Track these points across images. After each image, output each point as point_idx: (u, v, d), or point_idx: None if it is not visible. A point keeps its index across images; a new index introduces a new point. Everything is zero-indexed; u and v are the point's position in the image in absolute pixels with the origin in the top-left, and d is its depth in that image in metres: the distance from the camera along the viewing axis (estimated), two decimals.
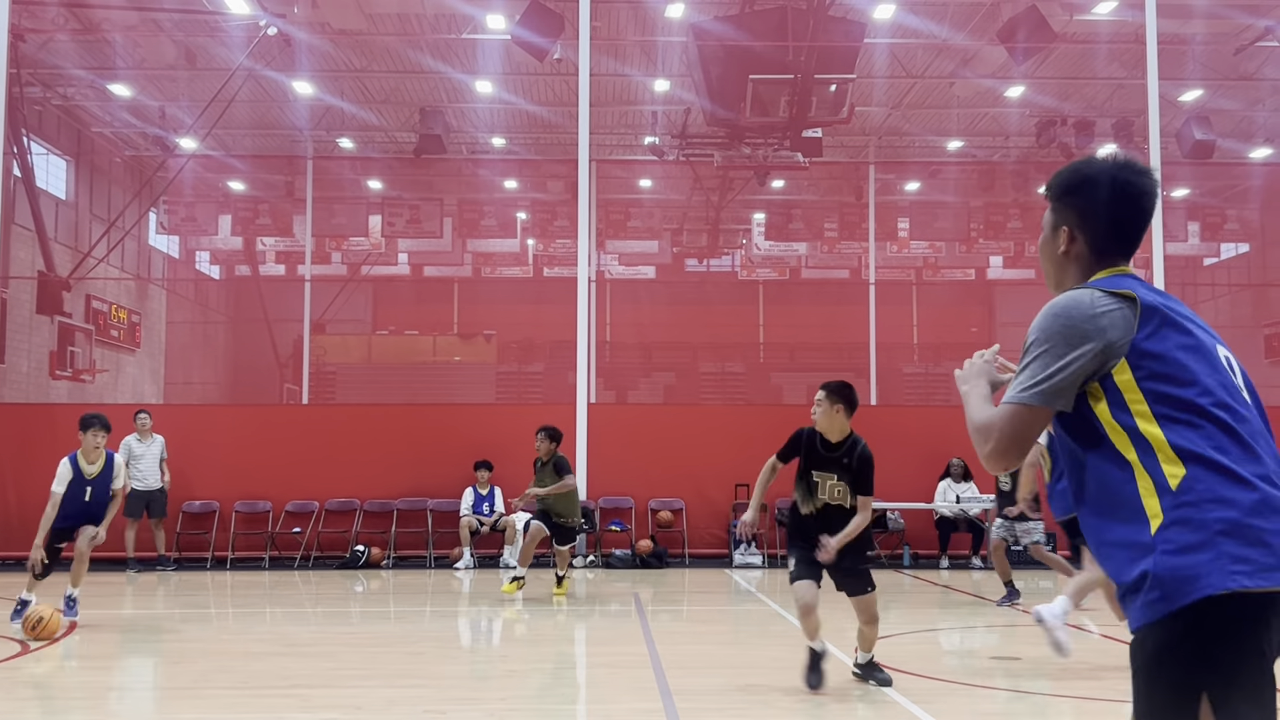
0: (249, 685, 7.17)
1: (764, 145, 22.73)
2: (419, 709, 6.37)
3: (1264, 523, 2.47)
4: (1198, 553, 2.46)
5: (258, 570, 15.45)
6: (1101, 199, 2.96)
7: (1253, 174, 28.69)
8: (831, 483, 6.89)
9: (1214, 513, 2.49)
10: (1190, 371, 2.67)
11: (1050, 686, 7.13)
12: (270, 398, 31.04)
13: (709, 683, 7.20)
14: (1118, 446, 2.64)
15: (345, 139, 27.68)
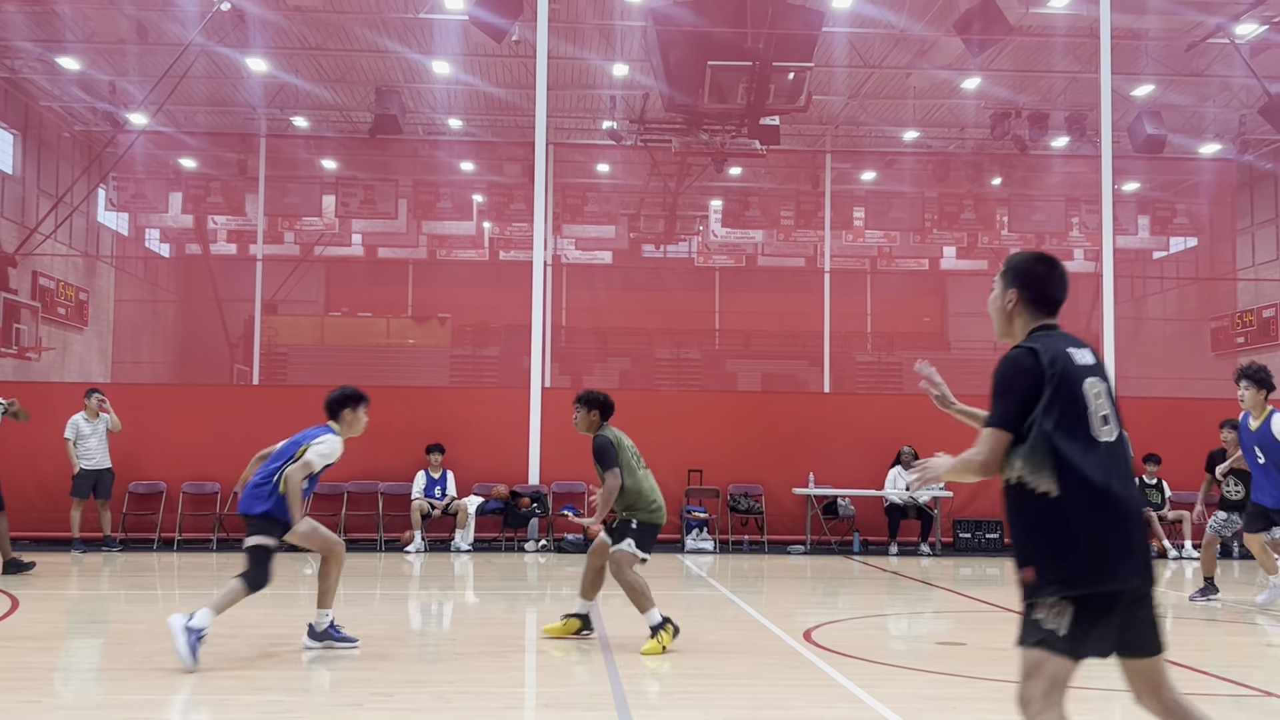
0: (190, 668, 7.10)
1: (722, 132, 22.75)
2: (366, 691, 6.34)
3: None
4: None
5: (205, 552, 15.30)
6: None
7: (1202, 169, 29.09)
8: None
9: None
10: None
11: (992, 671, 7.21)
12: (220, 378, 30.72)
13: (658, 666, 7.23)
14: None
15: (299, 117, 27.38)
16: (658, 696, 6.42)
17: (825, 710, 6.19)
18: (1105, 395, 3.92)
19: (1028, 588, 3.78)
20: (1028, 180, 29.28)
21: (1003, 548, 16.47)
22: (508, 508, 15.99)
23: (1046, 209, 29.03)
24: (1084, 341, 4.13)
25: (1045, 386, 3.82)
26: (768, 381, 31.77)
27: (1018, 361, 3.93)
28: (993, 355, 25.26)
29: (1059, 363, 3.85)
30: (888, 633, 9.26)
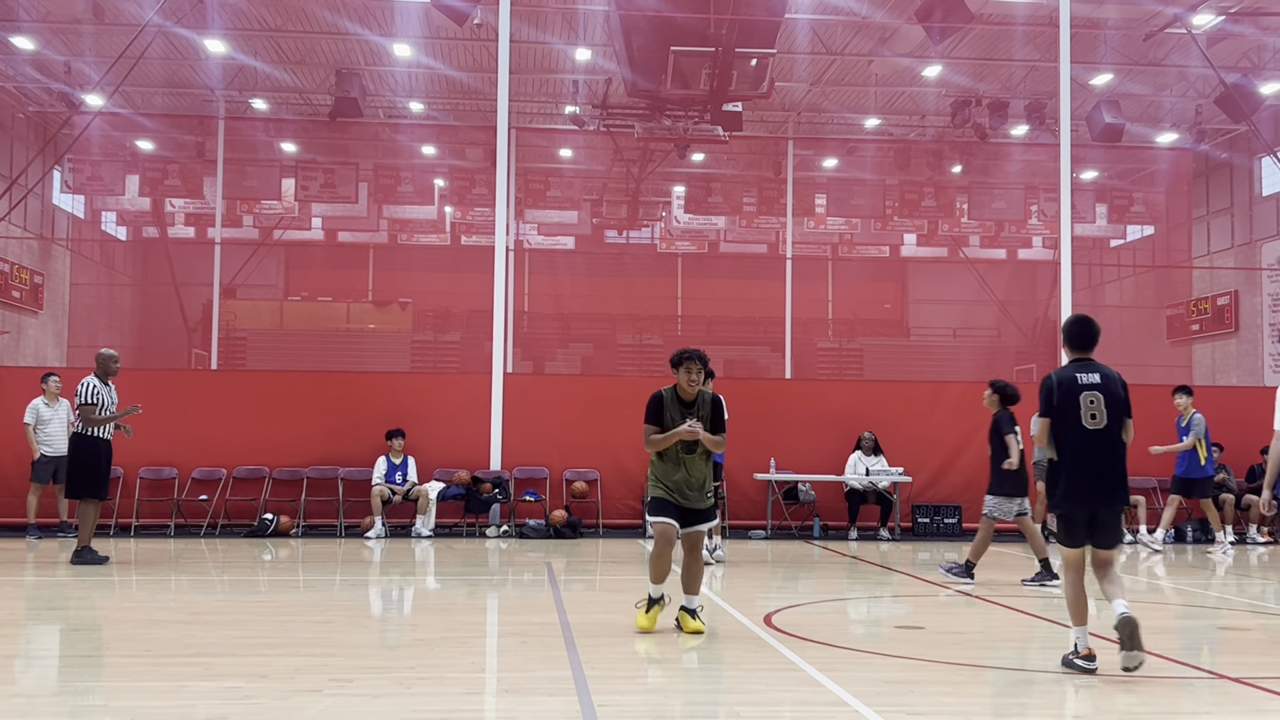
0: (151, 653, 7.05)
1: (684, 118, 22.76)
2: (325, 677, 6.32)
3: None
4: None
5: (163, 538, 15.18)
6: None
7: (1159, 158, 29.42)
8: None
9: None
10: None
11: (952, 654, 7.29)
12: (178, 362, 30.45)
13: (619, 652, 7.25)
14: None
15: (258, 100, 27.11)
16: (619, 681, 6.44)
17: (785, 694, 6.23)
18: (1100, 400, 6.93)
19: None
20: (987, 168, 29.50)
21: (961, 532, 16.63)
22: (469, 493, 15.97)
23: (1006, 197, 29.27)
24: (1099, 366, 7.09)
25: (1052, 395, 7.03)
26: (730, 367, 31.84)
27: (1042, 383, 7.16)
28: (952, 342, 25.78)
29: (1064, 383, 7.01)
30: (847, 617, 9.34)
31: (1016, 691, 6.31)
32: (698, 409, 8.08)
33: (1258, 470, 17.01)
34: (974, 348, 32.89)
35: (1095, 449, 6.83)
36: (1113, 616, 6.64)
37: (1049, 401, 7.00)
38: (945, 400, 17.56)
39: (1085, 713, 6.03)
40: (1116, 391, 6.93)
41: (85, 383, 12.10)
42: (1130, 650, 6.48)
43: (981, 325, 34.02)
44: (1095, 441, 6.84)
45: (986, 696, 6.15)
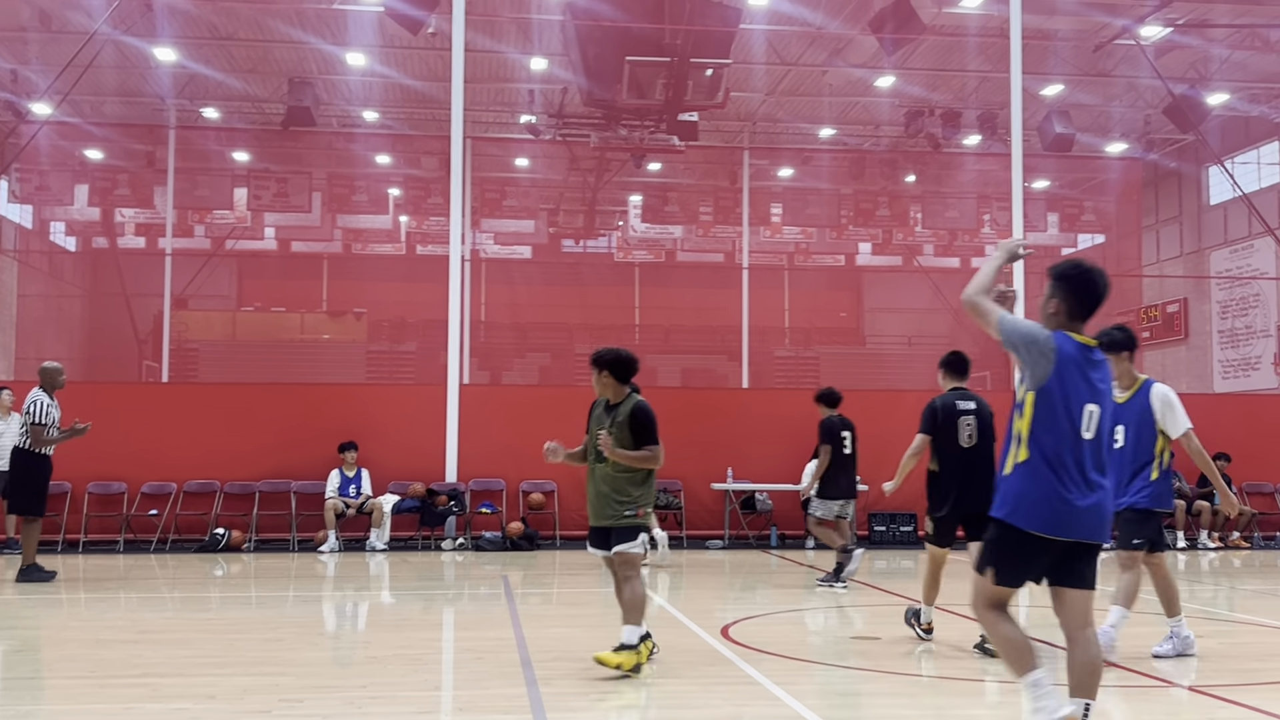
0: (96, 674, 6.91)
1: (640, 127, 22.75)
2: (275, 697, 6.21)
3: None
4: None
5: (112, 554, 14.94)
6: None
7: (1109, 167, 29.78)
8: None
9: None
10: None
11: (907, 666, 7.29)
12: (128, 375, 30.01)
13: (576, 666, 7.18)
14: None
15: (210, 108, 26.80)
16: (574, 699, 6.38)
17: (742, 709, 6.20)
18: (974, 424, 8.23)
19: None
20: (941, 178, 29.72)
21: (916, 540, 16.69)
22: (424, 506, 15.84)
23: (959, 206, 29.50)
24: (973, 396, 8.42)
25: (936, 417, 8.34)
26: (687, 377, 31.87)
27: (926, 407, 8.38)
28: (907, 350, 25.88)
29: (946, 408, 8.32)
30: (804, 628, 9.32)
31: (970, 702, 6.31)
32: (615, 416, 7.24)
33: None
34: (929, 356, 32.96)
35: (968, 465, 8.06)
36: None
37: (933, 422, 8.27)
38: (901, 408, 17.57)
39: None
40: (986, 417, 8.26)
41: (36, 400, 11.90)
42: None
43: (936, 334, 34.21)
44: (969, 458, 8.11)
45: (941, 707, 6.15)
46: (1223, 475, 16.96)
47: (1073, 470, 4.85)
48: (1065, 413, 4.87)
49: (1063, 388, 4.88)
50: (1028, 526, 4.83)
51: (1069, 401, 4.87)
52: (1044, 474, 4.83)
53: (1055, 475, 4.83)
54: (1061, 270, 5.13)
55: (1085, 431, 4.89)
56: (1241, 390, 26.79)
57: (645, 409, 7.22)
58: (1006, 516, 4.89)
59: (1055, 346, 4.91)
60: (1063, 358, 4.90)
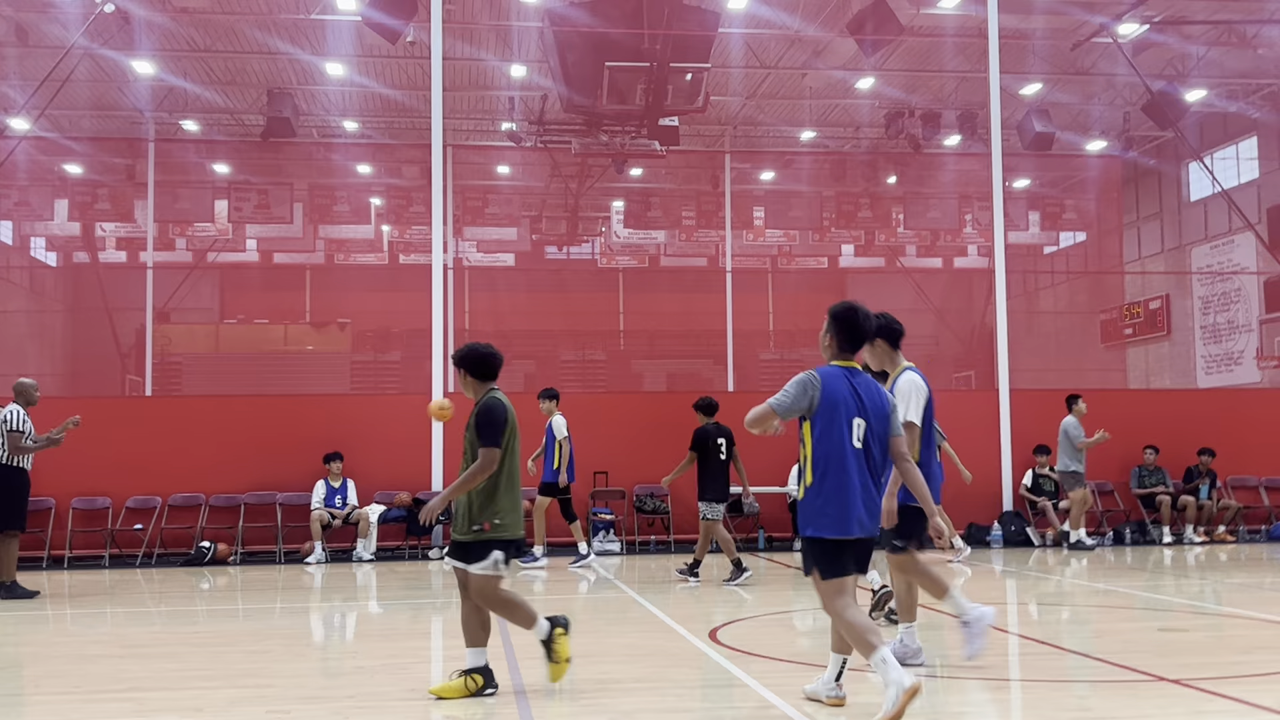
0: (81, 689, 6.86)
1: (621, 133, 22.77)
2: (262, 709, 6.18)
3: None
4: None
5: (97, 569, 14.85)
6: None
7: (1089, 165, 29.91)
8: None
9: None
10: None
11: None
12: (111, 389, 29.86)
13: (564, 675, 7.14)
14: None
15: (189, 121, 26.72)
16: (561, 703, 6.36)
17: (731, 711, 6.19)
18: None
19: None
20: (922, 178, 29.80)
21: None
22: (410, 515, 15.78)
23: (940, 206, 29.59)
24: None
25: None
26: (673, 381, 31.88)
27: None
28: None
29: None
30: (793, 629, 9.32)
31: (960, 700, 6.31)
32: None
33: (1194, 471, 17.28)
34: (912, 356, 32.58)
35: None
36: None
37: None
38: None
39: (1029, 718, 6.05)
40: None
41: (11, 410, 11.83)
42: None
43: (919, 334, 34.29)
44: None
45: (931, 705, 6.14)
46: (1207, 470, 17.16)
47: (849, 476, 5.77)
48: (837, 428, 5.78)
49: (831, 410, 5.78)
50: (829, 535, 5.79)
51: (839, 418, 5.78)
52: (827, 487, 5.78)
53: (836, 485, 5.76)
54: (835, 311, 6.04)
55: (855, 442, 5.81)
56: (1225, 385, 26.92)
57: (488, 407, 6.71)
58: (812, 533, 5.83)
59: (819, 379, 5.83)
60: (827, 386, 5.81)
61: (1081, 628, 9.38)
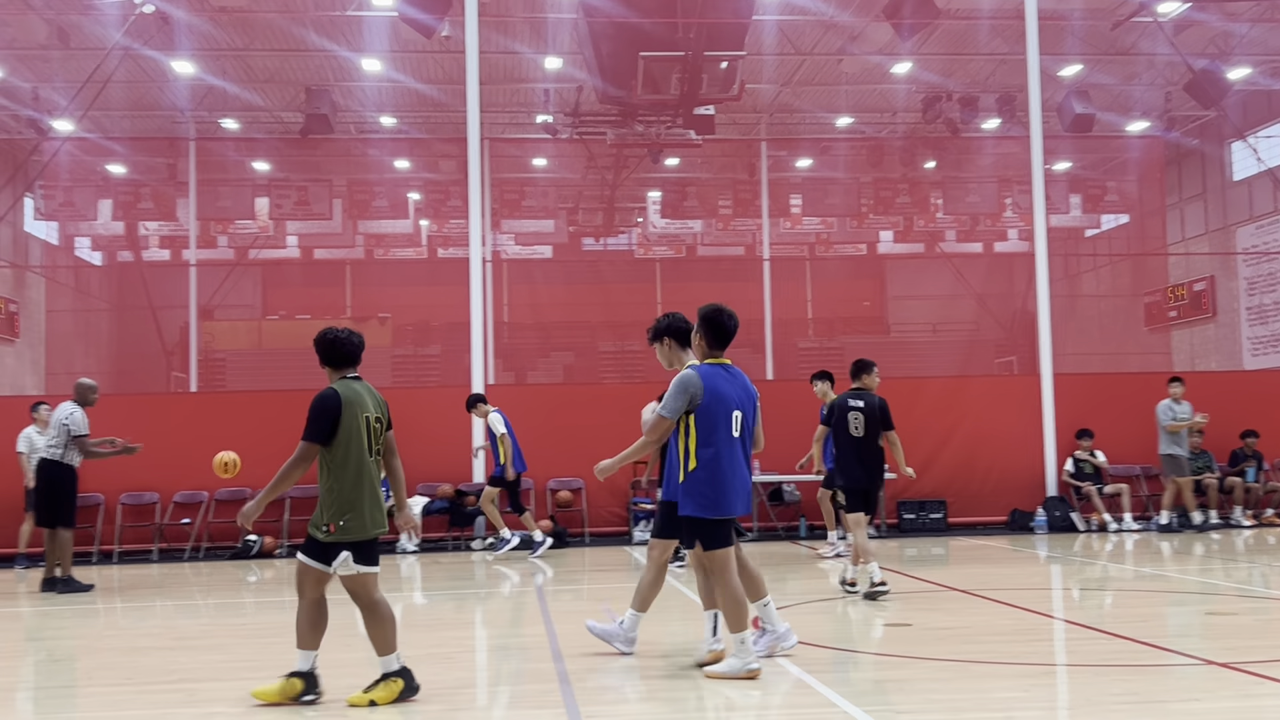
0: (133, 681, 6.98)
1: (657, 123, 22.75)
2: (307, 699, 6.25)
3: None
4: None
5: (146, 563, 15.06)
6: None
7: (1131, 146, 29.53)
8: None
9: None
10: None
11: (940, 651, 7.27)
12: (157, 386, 30.23)
13: (608, 663, 7.20)
14: None
15: (229, 119, 26.99)
16: (607, 693, 6.40)
17: (774, 698, 6.20)
18: (862, 419, 9.94)
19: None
20: (960, 162, 29.57)
21: (946, 527, 16.65)
22: (453, 507, 15.90)
23: (980, 190, 29.35)
24: (865, 394, 10.17)
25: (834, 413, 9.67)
26: None
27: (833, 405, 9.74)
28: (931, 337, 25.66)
29: (839, 406, 9.96)
30: (835, 616, 9.31)
31: (1005, 685, 6.29)
32: None
33: (1240, 454, 17.08)
34: (953, 342, 32.94)
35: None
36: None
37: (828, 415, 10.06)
38: (926, 396, 17.58)
39: (1076, 703, 6.02)
40: (874, 412, 10.02)
41: (72, 412, 12.02)
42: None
43: (960, 320, 34.09)
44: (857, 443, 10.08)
45: (975, 691, 6.13)
46: (1254, 453, 16.96)
47: (730, 463, 6.47)
48: (719, 421, 6.44)
49: (714, 403, 6.44)
50: (710, 515, 6.46)
51: (721, 412, 6.45)
52: (711, 473, 6.40)
53: (719, 471, 6.41)
54: (703, 313, 6.69)
55: (734, 432, 6.51)
56: (1272, 366, 26.55)
57: (319, 398, 6.28)
58: (694, 513, 6.47)
59: (699, 377, 6.49)
60: (709, 382, 6.48)
61: (1127, 612, 9.31)
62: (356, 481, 6.20)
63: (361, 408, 6.29)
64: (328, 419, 6.18)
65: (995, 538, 15.87)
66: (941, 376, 22.04)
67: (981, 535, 16.28)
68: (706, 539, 6.55)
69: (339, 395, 6.25)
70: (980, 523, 17.05)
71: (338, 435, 6.18)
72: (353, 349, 6.49)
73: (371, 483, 6.28)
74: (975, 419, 17.22)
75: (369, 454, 6.29)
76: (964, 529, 16.79)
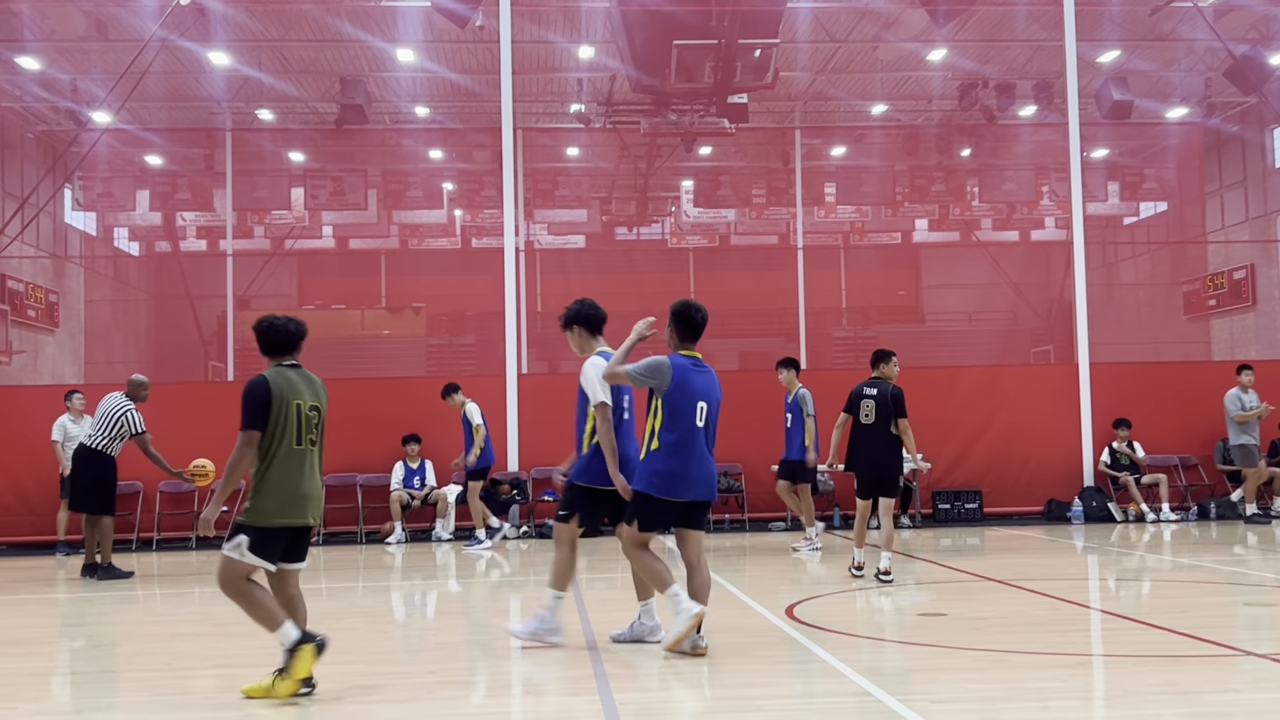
0: (173, 666, 7.06)
1: (690, 111, 22.68)
2: (347, 684, 6.31)
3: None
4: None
5: (184, 550, 15.22)
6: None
7: (1170, 133, 29.20)
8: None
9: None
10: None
11: (975, 641, 7.24)
12: (194, 375, 30.51)
13: (641, 650, 7.21)
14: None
15: (264, 110, 27.14)
16: (641, 679, 6.41)
17: (808, 686, 6.20)
18: (872, 405, 10.23)
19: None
20: (997, 150, 29.34)
21: (982, 517, 16.56)
22: (488, 495, 15.95)
23: (1016, 178, 29.11)
24: (878, 381, 10.51)
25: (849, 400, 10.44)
26: (744, 360, 31.76)
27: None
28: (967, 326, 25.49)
29: (856, 394, 10.51)
30: (869, 606, 9.28)
31: (1041, 676, 6.25)
32: None
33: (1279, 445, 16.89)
34: (989, 331, 32.73)
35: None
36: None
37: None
38: (962, 385, 17.48)
39: (1113, 693, 5.98)
40: (885, 400, 10.32)
41: (128, 409, 12.14)
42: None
43: (996, 308, 33.85)
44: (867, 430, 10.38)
45: (1010, 681, 6.10)
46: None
47: (690, 450, 6.78)
48: (684, 409, 6.79)
49: (680, 392, 6.81)
50: (660, 495, 6.77)
51: (686, 401, 6.81)
52: (670, 456, 6.73)
53: (678, 456, 6.74)
54: (674, 309, 7.21)
55: (699, 421, 6.86)
56: None
57: (249, 386, 6.26)
58: (644, 489, 6.78)
59: (671, 365, 6.89)
60: (678, 371, 6.86)
61: (1165, 603, 9.23)
62: (281, 469, 6.12)
63: (294, 395, 6.22)
64: (260, 405, 6.10)
65: (1031, 528, 15.77)
66: (977, 366, 21.88)
67: (1017, 525, 16.19)
68: (644, 518, 6.87)
69: (268, 382, 6.17)
70: (1016, 513, 16.95)
71: (269, 421, 6.12)
72: (288, 337, 6.43)
73: (296, 472, 6.16)
74: (1011, 408, 17.10)
75: (298, 442, 6.19)
76: (999, 519, 16.70)
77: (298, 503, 6.18)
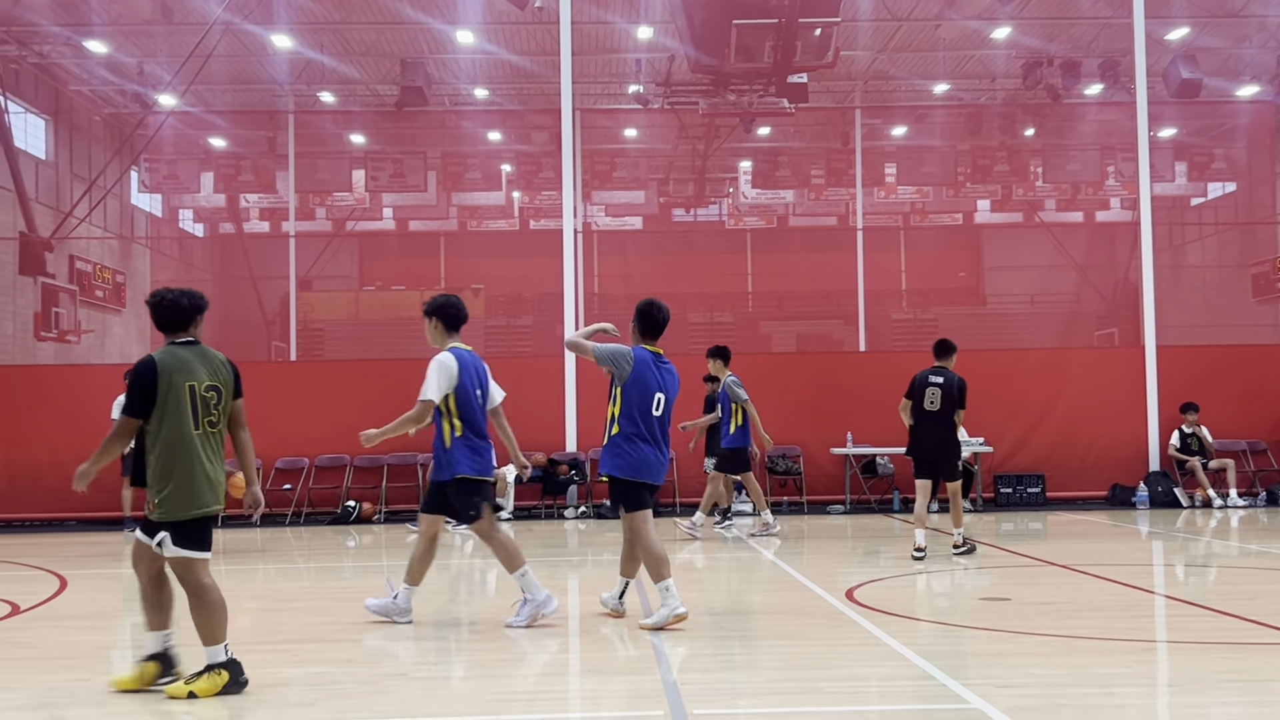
0: (239, 641, 7.13)
1: (749, 92, 22.53)
2: (409, 661, 6.38)
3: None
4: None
5: (249, 528, 15.45)
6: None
7: (1239, 112, 28.56)
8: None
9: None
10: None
11: (1039, 626, 7.16)
12: (258, 355, 30.93)
13: (701, 630, 7.22)
14: None
15: (326, 93, 27.37)
16: (701, 659, 6.42)
17: (870, 669, 6.17)
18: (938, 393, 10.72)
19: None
20: (1061, 130, 28.87)
21: (1045, 501, 16.37)
22: (546, 475, 16.04)
23: (1081, 158, 28.63)
24: (944, 371, 11.00)
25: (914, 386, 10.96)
26: (802, 342, 31.62)
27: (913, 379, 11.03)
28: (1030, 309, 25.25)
29: (918, 380, 11.05)
30: (930, 590, 9.22)
31: (1106, 661, 6.17)
32: None
33: None
34: (1053, 314, 32.28)
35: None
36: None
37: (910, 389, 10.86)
38: (1025, 368, 17.28)
39: (1179, 680, 5.89)
40: (951, 389, 10.85)
41: None
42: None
43: (1060, 291, 33.36)
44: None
45: (1076, 667, 6.03)
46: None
47: (651, 438, 7.26)
48: (642, 399, 7.23)
49: (639, 382, 7.25)
50: (628, 477, 7.24)
51: (645, 391, 7.25)
52: (628, 442, 7.21)
53: (635, 442, 7.20)
54: (638, 307, 7.56)
55: (655, 410, 7.30)
56: None
57: (134, 368, 5.82)
58: (618, 475, 7.27)
59: (633, 356, 7.32)
60: (638, 363, 7.29)
61: (1234, 589, 9.08)
62: (175, 455, 5.69)
63: (186, 375, 5.72)
64: (140, 390, 5.67)
65: (1095, 513, 15.56)
66: (1041, 349, 21.60)
67: (1081, 510, 15.99)
68: (628, 501, 7.35)
69: (154, 364, 5.70)
70: (1079, 497, 16.74)
71: (154, 406, 5.69)
72: (180, 312, 5.90)
73: (196, 457, 5.73)
74: (1075, 392, 16.87)
75: (194, 426, 5.73)
76: (1062, 504, 16.50)
77: (203, 490, 5.78)
